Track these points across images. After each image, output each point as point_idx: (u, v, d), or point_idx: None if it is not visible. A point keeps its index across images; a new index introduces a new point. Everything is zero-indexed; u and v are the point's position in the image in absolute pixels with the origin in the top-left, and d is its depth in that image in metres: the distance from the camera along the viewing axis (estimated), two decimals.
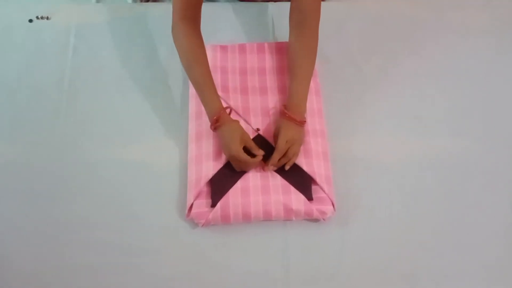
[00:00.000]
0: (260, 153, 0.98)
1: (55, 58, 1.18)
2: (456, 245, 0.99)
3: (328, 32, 1.18)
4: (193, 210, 0.98)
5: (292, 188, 0.99)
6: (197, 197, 0.99)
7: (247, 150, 0.97)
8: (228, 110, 1.01)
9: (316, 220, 1.00)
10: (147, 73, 1.16)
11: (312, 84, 1.09)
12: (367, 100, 1.13)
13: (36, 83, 1.15)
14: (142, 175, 1.04)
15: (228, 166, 1.00)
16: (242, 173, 1.00)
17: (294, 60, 1.02)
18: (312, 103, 1.09)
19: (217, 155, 1.01)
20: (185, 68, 0.98)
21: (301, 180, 1.01)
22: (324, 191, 1.00)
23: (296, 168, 1.01)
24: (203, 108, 1.00)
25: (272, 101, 1.09)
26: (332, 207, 1.00)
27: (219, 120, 0.95)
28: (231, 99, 1.08)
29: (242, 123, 1.05)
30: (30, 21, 1.22)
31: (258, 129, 1.05)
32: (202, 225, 0.98)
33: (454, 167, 1.06)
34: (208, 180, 0.99)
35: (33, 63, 1.17)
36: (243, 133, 0.97)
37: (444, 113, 1.12)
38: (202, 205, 0.99)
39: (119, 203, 1.02)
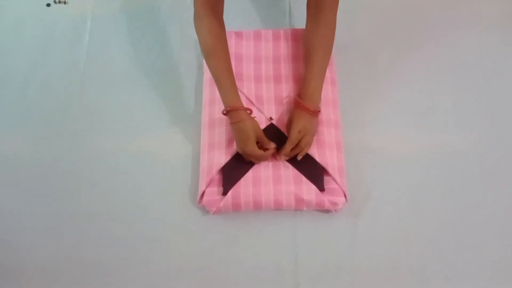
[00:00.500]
0: (271, 146, 0.98)
1: (70, 46, 1.18)
2: (465, 240, 0.98)
3: (342, 22, 1.14)
4: (205, 198, 0.99)
5: (304, 179, 0.99)
6: (208, 184, 0.99)
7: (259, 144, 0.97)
8: (244, 101, 1.01)
9: (327, 211, 1.00)
10: (160, 61, 1.16)
11: (328, 73, 1.07)
12: (379, 92, 1.12)
13: (50, 70, 1.15)
14: (154, 166, 1.05)
15: (240, 154, 1.00)
16: (254, 163, 1.00)
17: (310, 49, 1.00)
18: (328, 93, 1.07)
19: (230, 143, 1.01)
20: (205, 58, 0.97)
21: (313, 171, 1.00)
22: (336, 182, 0.99)
23: (308, 158, 1.00)
24: (217, 95, 0.99)
25: (287, 90, 1.07)
26: (344, 198, 0.99)
27: (232, 112, 0.94)
28: (245, 87, 1.07)
29: (255, 112, 1.04)
30: (48, 5, 1.23)
31: (271, 118, 1.05)
32: (213, 213, 0.99)
33: (464, 162, 1.05)
34: (220, 168, 0.99)
35: (48, 50, 1.18)
36: (258, 129, 0.96)
37: (454, 107, 1.10)
38: (213, 192, 0.99)
39: (131, 195, 1.03)
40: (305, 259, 0.96)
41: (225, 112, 0.95)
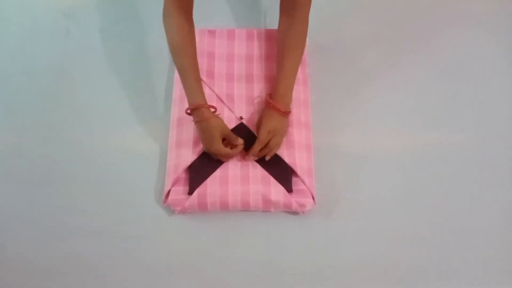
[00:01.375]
0: (239, 142, 0.96)
1: (48, 41, 1.17)
2: (445, 239, 0.97)
3: (323, 20, 1.15)
4: (170, 197, 0.97)
5: (272, 179, 0.97)
6: (174, 183, 0.98)
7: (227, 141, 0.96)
8: (214, 99, 1.00)
9: (295, 213, 0.99)
10: (135, 57, 1.14)
11: (300, 74, 1.07)
12: (357, 93, 1.11)
13: (29, 66, 1.14)
14: (123, 163, 1.03)
15: (208, 154, 0.98)
16: (222, 161, 0.99)
17: (283, 47, 0.99)
18: (299, 94, 1.06)
19: (197, 142, 0.99)
20: (172, 55, 0.96)
21: (282, 172, 0.99)
22: (304, 183, 0.98)
23: (277, 159, 0.99)
24: None
25: (258, 89, 1.06)
26: (312, 200, 0.98)
27: (196, 111, 0.93)
28: (216, 86, 1.06)
29: (226, 111, 1.03)
30: None
31: (241, 117, 1.03)
32: (179, 212, 0.97)
33: (443, 161, 1.04)
34: (186, 166, 0.98)
35: (26, 46, 1.16)
36: (223, 127, 0.95)
37: (438, 107, 1.10)
38: (179, 192, 0.97)
39: (104, 189, 1.01)
40: (277, 260, 0.95)
41: (189, 111, 0.93)
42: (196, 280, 0.94)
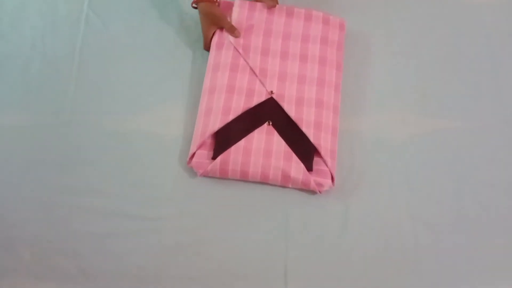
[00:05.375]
0: (233, 29, 1.08)
1: (68, 30, 1.17)
2: (459, 224, 0.99)
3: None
4: (194, 159, 0.99)
5: (294, 157, 0.99)
6: (200, 147, 1.00)
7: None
8: (247, 72, 1.06)
9: (313, 193, 1.00)
10: (158, 45, 1.15)
11: (335, 57, 1.09)
12: (376, 76, 1.14)
13: (48, 53, 1.14)
14: (150, 144, 1.05)
15: (235, 123, 1.01)
16: (247, 132, 1.01)
17: None
18: (332, 77, 1.07)
19: (227, 110, 1.01)
20: None
21: (305, 150, 1.00)
22: (326, 164, 1.00)
23: (302, 137, 1.00)
24: (222, 61, 1.03)
25: (292, 67, 1.07)
26: (331, 181, 1.00)
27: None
28: (251, 59, 1.07)
29: (257, 84, 1.05)
30: None
31: (272, 92, 1.05)
32: (200, 175, 0.99)
33: (460, 147, 1.06)
34: (213, 132, 1.00)
35: (46, 33, 1.16)
36: (217, 14, 1.08)
37: (453, 93, 1.12)
38: (203, 156, 1.00)
39: (125, 170, 1.02)
40: (295, 240, 0.97)
41: (195, 5, 1.08)
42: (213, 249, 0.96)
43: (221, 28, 1.10)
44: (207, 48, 1.12)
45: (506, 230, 0.99)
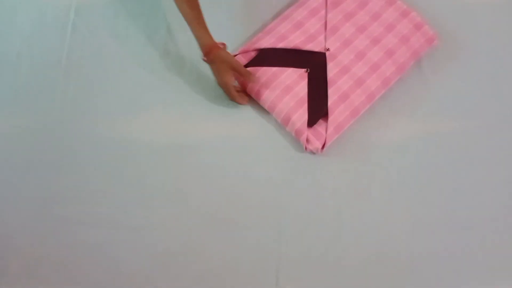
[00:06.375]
0: (252, 79, 1.05)
1: (55, 37, 1.15)
2: (459, 224, 0.98)
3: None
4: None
5: (305, 106, 1.04)
6: (242, 52, 1.11)
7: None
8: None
9: (312, 153, 1.03)
10: (145, 52, 1.14)
11: (403, 57, 1.10)
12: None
13: (35, 60, 1.13)
14: (140, 152, 1.04)
15: (281, 52, 1.09)
16: (285, 65, 1.07)
17: None
18: (388, 71, 1.08)
19: (283, 38, 1.10)
20: (178, 3, 1.01)
21: (318, 107, 1.04)
22: (326, 130, 1.02)
23: (324, 98, 1.04)
24: (310, 1, 1.13)
25: (361, 41, 1.11)
26: (321, 146, 1.02)
27: (211, 53, 1.00)
28: (332, 14, 1.13)
29: (321, 36, 1.11)
30: None
31: (328, 49, 1.09)
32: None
33: (459, 148, 1.05)
34: (258, 48, 1.10)
35: (33, 40, 1.16)
36: (233, 60, 1.02)
37: (453, 93, 1.11)
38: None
39: (114, 177, 1.02)
40: (290, 241, 0.97)
41: (208, 60, 1.02)
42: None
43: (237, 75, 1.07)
44: (234, 98, 1.06)
45: (506, 230, 0.98)
